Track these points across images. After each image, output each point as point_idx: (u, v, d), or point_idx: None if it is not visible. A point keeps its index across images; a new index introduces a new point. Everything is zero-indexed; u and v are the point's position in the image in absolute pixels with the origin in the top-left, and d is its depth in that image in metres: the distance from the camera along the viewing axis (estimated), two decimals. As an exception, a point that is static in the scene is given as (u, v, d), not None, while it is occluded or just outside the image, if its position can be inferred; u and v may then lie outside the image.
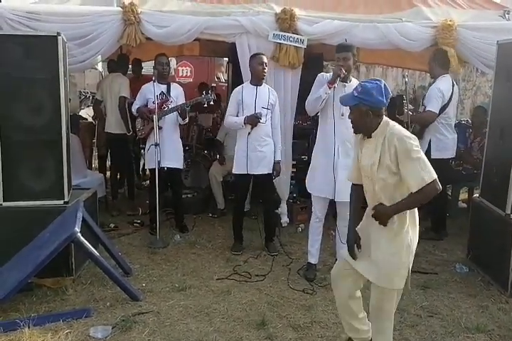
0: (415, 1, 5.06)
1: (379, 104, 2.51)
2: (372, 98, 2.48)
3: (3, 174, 3.67)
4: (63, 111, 3.73)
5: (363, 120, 2.55)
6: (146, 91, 4.81)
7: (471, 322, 3.28)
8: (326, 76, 3.83)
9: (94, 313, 3.25)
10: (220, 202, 5.61)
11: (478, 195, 4.35)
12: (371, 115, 2.51)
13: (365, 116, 2.52)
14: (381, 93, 2.49)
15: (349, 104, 2.59)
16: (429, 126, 4.76)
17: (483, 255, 4.07)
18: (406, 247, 2.53)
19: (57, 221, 3.62)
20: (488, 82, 12.50)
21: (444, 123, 4.76)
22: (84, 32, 4.48)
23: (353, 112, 2.59)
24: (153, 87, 4.64)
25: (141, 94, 4.85)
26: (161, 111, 4.70)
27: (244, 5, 4.86)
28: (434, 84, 4.76)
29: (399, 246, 2.53)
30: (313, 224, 3.98)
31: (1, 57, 3.57)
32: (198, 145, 6.10)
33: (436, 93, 4.64)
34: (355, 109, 2.56)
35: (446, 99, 4.68)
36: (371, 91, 2.48)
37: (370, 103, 2.50)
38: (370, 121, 2.53)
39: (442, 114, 4.70)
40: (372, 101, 2.49)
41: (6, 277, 3.33)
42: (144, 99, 4.82)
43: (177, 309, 3.37)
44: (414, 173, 2.43)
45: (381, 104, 2.52)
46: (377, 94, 2.48)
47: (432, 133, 4.77)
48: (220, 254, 4.44)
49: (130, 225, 5.18)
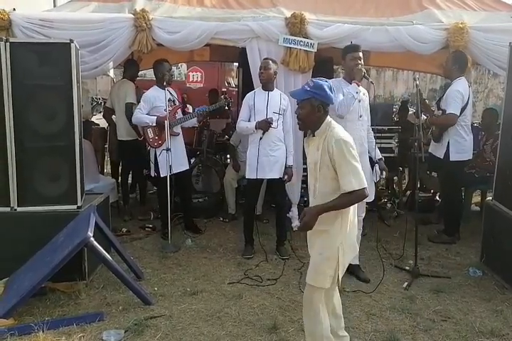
0: (426, 3, 5.05)
1: (330, 100, 2.60)
2: (325, 93, 2.57)
3: (17, 179, 3.72)
4: (76, 118, 3.78)
5: (313, 115, 2.60)
6: (153, 99, 4.71)
7: (485, 327, 3.25)
8: (338, 81, 3.92)
9: (106, 317, 3.28)
10: (232, 207, 5.63)
11: (492, 198, 4.32)
12: (322, 110, 2.58)
13: (316, 111, 2.58)
14: (331, 90, 2.59)
15: (302, 98, 2.62)
16: (448, 129, 4.74)
17: (497, 258, 4.03)
18: (335, 248, 2.57)
19: (71, 226, 3.66)
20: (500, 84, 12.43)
21: (463, 125, 4.74)
22: (96, 39, 4.53)
23: (304, 106, 2.62)
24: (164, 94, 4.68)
25: (147, 102, 4.71)
26: (182, 118, 4.80)
27: (254, 10, 4.88)
28: (453, 87, 4.71)
29: (327, 246, 2.59)
30: None
31: (15, 64, 3.63)
32: (209, 150, 6.13)
33: (457, 95, 4.61)
34: (307, 103, 2.59)
35: (465, 100, 4.67)
36: (323, 86, 2.56)
37: (322, 97, 2.57)
38: (319, 117, 2.60)
39: (461, 116, 4.68)
40: (324, 95, 2.57)
41: (20, 281, 3.38)
42: (149, 107, 4.72)
43: (189, 313, 3.38)
44: (345, 176, 2.50)
45: (331, 100, 2.61)
46: (328, 89, 2.57)
47: (450, 135, 4.74)
48: (232, 258, 4.45)
49: (142, 230, 5.22)
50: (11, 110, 3.66)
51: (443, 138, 4.79)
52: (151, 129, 4.75)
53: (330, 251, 2.58)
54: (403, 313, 3.43)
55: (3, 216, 3.73)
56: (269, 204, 5.47)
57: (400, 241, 4.59)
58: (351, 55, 3.83)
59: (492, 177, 4.45)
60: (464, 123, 4.74)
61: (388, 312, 3.45)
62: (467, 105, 4.71)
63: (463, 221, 5.15)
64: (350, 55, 3.83)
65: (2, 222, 3.72)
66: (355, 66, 3.78)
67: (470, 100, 4.78)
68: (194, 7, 4.93)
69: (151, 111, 4.75)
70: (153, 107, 4.75)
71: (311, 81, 2.62)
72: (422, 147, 4.21)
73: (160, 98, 4.68)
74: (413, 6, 5.08)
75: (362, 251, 4.23)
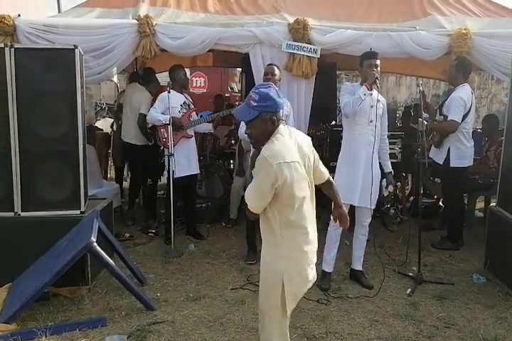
0: (429, 9, 5.07)
1: (280, 106, 2.32)
2: (273, 102, 2.28)
3: (21, 184, 3.73)
4: (80, 123, 3.79)
5: (266, 129, 2.31)
6: (167, 100, 4.69)
7: (489, 334, 3.22)
8: (352, 85, 3.99)
9: (109, 322, 3.27)
10: (234, 212, 5.63)
11: (495, 204, 4.31)
12: (274, 120, 2.30)
13: (269, 124, 2.30)
14: (277, 95, 2.31)
15: (251, 118, 2.30)
16: (448, 135, 4.73)
17: (501, 265, 4.01)
18: (278, 276, 2.35)
19: (74, 231, 3.67)
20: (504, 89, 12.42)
21: (464, 132, 4.72)
22: (100, 44, 4.56)
23: (254, 126, 2.32)
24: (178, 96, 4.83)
25: (162, 102, 4.74)
26: (196, 121, 4.89)
27: (257, 16, 4.91)
28: (456, 93, 4.70)
29: (270, 272, 2.40)
30: (332, 231, 3.94)
31: (20, 69, 3.65)
32: (212, 156, 6.14)
33: (459, 101, 4.60)
34: (257, 120, 2.29)
35: (467, 108, 4.66)
36: (269, 95, 2.27)
37: (271, 108, 2.29)
38: (271, 128, 2.31)
39: (462, 123, 4.65)
40: (273, 105, 2.28)
41: (23, 286, 3.38)
42: (164, 107, 4.74)
43: (191, 319, 3.37)
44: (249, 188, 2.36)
45: (281, 106, 2.33)
46: (276, 97, 2.29)
47: (451, 141, 4.73)
48: (234, 264, 4.44)
49: (145, 235, 5.22)
50: (15, 115, 3.68)
51: (443, 144, 4.78)
52: (164, 129, 4.77)
53: (272, 273, 2.38)
54: (406, 320, 3.41)
55: (7, 221, 3.73)
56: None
57: (404, 247, 4.57)
58: (368, 61, 3.85)
59: (496, 183, 4.44)
60: (465, 130, 4.72)
61: (391, 318, 3.44)
62: (469, 112, 4.69)
63: (466, 227, 5.15)
64: (367, 62, 3.86)
65: (6, 227, 3.72)
66: (371, 72, 3.81)
67: (473, 107, 4.76)
68: (198, 13, 4.96)
69: (165, 112, 4.76)
70: (167, 108, 4.74)
71: (255, 93, 2.29)
72: (426, 153, 4.20)
73: (175, 100, 4.74)
74: (416, 12, 5.10)
75: (365, 257, 4.23)
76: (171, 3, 5.00)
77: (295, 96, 4.84)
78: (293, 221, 2.36)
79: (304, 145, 2.43)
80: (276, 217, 2.34)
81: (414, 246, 4.18)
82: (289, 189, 2.28)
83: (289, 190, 2.28)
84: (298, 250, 2.40)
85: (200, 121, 4.94)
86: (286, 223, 2.35)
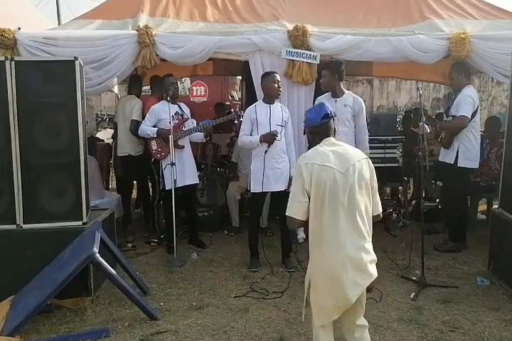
0: (428, 13, 5.09)
1: (309, 122, 2.67)
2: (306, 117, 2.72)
3: (23, 197, 3.74)
4: (81, 134, 3.81)
5: (309, 141, 2.80)
6: (158, 112, 4.83)
7: (494, 337, 3.21)
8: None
9: (113, 333, 3.27)
10: (236, 220, 5.64)
11: (498, 206, 4.30)
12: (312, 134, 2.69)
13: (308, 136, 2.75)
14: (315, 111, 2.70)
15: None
16: (458, 133, 4.74)
17: (505, 267, 3.99)
18: (307, 280, 2.53)
19: (76, 242, 3.67)
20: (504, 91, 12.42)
21: (473, 131, 4.74)
22: (100, 55, 4.60)
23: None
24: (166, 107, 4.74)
25: (153, 115, 4.84)
26: (187, 131, 4.85)
27: (256, 24, 4.94)
28: (463, 92, 4.74)
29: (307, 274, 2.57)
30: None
31: (20, 82, 3.68)
32: (213, 164, 6.15)
33: (468, 99, 4.65)
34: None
35: (476, 106, 4.71)
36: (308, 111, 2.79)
37: (305, 123, 2.73)
38: (310, 140, 2.75)
39: (471, 122, 4.69)
40: (306, 120, 2.71)
41: (26, 299, 3.38)
42: (155, 120, 4.84)
43: (195, 328, 3.36)
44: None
45: (310, 121, 2.66)
46: (309, 112, 2.73)
47: (460, 141, 4.75)
48: (237, 272, 4.44)
49: (147, 245, 5.22)
50: (16, 127, 3.70)
51: (453, 143, 4.78)
52: (154, 141, 4.84)
53: (306, 278, 2.56)
54: (411, 324, 3.40)
55: (10, 233, 3.74)
56: (274, 217, 5.47)
57: (407, 251, 4.57)
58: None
59: (498, 185, 4.43)
60: (474, 130, 4.75)
61: (396, 323, 3.42)
62: (477, 111, 4.73)
63: (469, 230, 5.13)
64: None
65: (8, 240, 3.73)
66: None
67: (479, 108, 4.80)
68: (197, 22, 5.00)
69: (157, 124, 4.86)
70: (159, 120, 4.85)
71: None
72: (427, 156, 4.21)
73: (166, 111, 4.74)
74: (415, 16, 5.12)
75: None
76: (170, 13, 5.04)
77: (295, 103, 4.87)
78: (318, 228, 2.42)
79: (353, 158, 2.49)
80: (312, 220, 2.43)
81: (417, 250, 4.16)
82: (318, 190, 2.38)
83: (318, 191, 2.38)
84: (318, 257, 2.46)
85: (191, 131, 4.89)
86: (314, 228, 2.44)
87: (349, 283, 2.37)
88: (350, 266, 2.38)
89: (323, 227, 2.40)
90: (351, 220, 2.41)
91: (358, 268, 2.39)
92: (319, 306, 2.47)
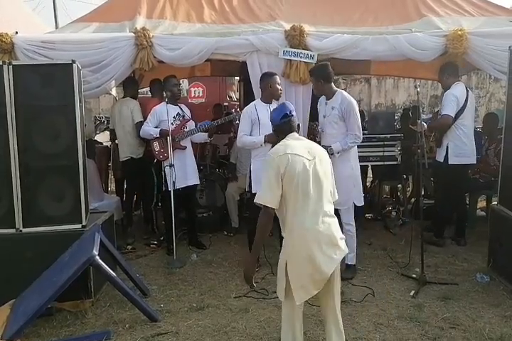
0: (425, 11, 5.06)
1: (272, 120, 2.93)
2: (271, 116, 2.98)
3: (22, 200, 3.75)
4: (79, 137, 3.81)
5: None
6: (160, 113, 4.86)
7: (495, 333, 3.21)
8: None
9: (113, 335, 3.28)
10: (235, 221, 5.64)
11: (497, 203, 4.30)
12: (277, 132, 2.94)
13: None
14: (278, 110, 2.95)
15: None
16: (447, 131, 4.81)
17: (505, 263, 4.00)
18: (283, 260, 2.65)
19: (76, 245, 3.68)
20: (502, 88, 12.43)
21: (462, 129, 4.79)
22: (98, 58, 4.59)
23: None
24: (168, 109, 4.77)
25: (154, 116, 4.89)
26: (189, 131, 4.90)
27: (253, 24, 4.93)
28: (448, 91, 4.86)
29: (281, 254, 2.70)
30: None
31: (18, 86, 3.69)
32: (213, 165, 6.16)
33: (451, 98, 4.74)
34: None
35: (460, 103, 4.76)
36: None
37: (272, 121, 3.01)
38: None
39: (458, 119, 4.75)
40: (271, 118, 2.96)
41: (27, 302, 3.39)
42: (157, 121, 4.89)
43: (195, 329, 3.37)
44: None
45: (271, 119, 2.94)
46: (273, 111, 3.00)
47: (449, 138, 4.82)
48: (237, 272, 4.44)
49: (147, 246, 5.23)
50: (14, 131, 3.71)
51: (443, 142, 4.86)
52: (156, 142, 4.86)
53: (281, 260, 2.67)
54: (411, 322, 3.40)
55: (9, 237, 3.74)
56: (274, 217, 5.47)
57: (406, 249, 4.57)
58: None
59: (497, 181, 4.44)
60: (463, 126, 4.79)
61: (396, 321, 3.43)
62: (464, 108, 4.77)
63: (469, 227, 5.13)
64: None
65: (8, 244, 3.73)
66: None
67: (468, 103, 4.83)
68: (194, 23, 4.99)
69: (159, 125, 4.89)
70: (160, 121, 4.88)
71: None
72: (425, 154, 4.21)
73: (167, 112, 4.76)
74: (411, 14, 5.10)
75: (368, 260, 4.24)
76: (167, 15, 5.03)
77: (293, 102, 4.84)
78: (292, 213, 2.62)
79: (316, 149, 2.77)
80: (283, 207, 2.62)
81: (417, 247, 4.16)
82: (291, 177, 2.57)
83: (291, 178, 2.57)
84: (300, 240, 2.61)
85: (193, 131, 4.93)
86: (288, 214, 2.63)
87: (325, 259, 2.57)
88: (324, 243, 2.58)
89: (296, 212, 2.60)
90: (321, 202, 2.64)
91: (331, 243, 2.60)
92: (298, 285, 2.59)
